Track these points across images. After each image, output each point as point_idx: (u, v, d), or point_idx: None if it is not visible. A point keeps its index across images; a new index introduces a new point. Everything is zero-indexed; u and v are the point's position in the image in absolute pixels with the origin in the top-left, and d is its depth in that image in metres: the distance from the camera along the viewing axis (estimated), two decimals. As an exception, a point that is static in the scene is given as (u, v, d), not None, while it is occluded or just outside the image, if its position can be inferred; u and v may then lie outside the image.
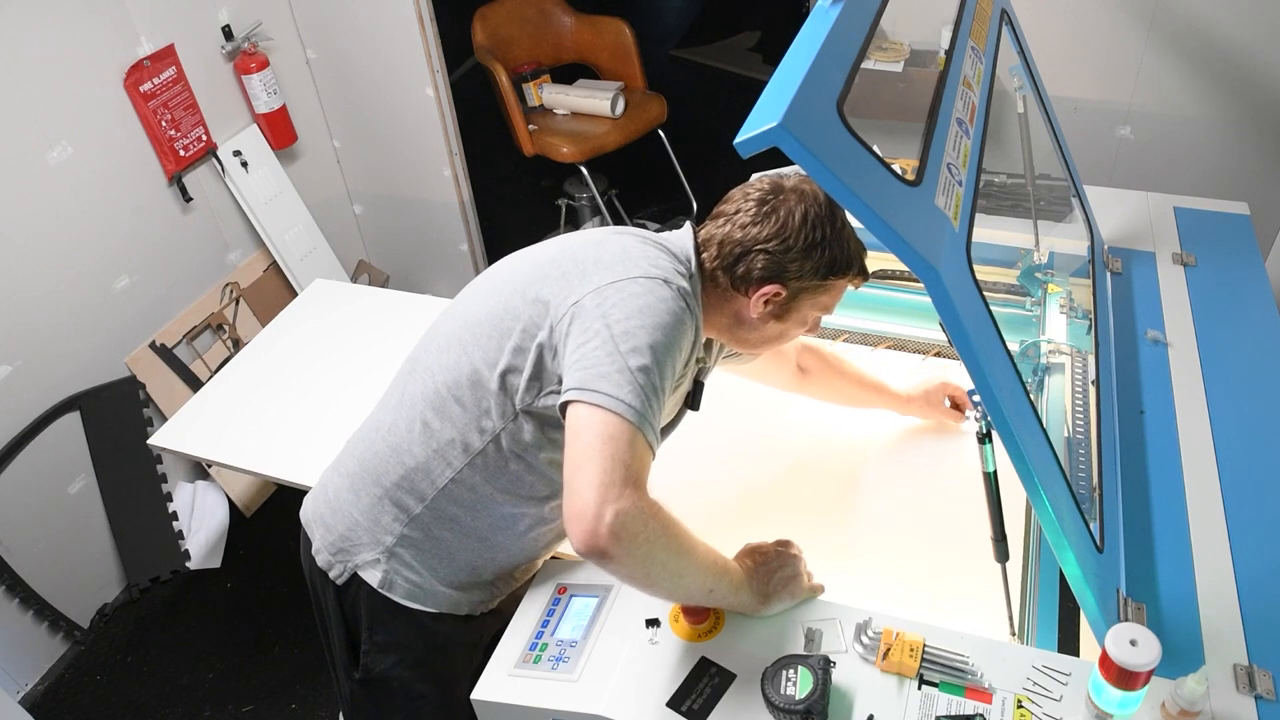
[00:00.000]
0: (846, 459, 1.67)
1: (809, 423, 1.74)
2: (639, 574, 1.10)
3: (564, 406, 1.08)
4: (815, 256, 1.20)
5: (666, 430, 1.34)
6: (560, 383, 1.12)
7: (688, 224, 1.28)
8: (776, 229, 1.20)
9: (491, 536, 1.28)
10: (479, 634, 1.39)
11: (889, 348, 1.95)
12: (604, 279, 1.13)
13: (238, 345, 2.85)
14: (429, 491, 1.25)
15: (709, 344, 1.38)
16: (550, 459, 1.23)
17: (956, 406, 1.67)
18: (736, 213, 1.23)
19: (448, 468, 1.23)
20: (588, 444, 1.04)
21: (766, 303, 1.23)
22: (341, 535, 1.31)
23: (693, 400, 1.34)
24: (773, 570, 1.25)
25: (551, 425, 1.19)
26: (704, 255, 1.25)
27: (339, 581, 1.32)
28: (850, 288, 1.28)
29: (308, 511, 1.38)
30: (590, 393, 1.05)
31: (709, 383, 1.39)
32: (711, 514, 1.57)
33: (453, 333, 1.24)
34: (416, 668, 1.37)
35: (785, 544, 1.29)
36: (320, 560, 1.33)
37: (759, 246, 1.20)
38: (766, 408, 1.77)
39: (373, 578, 1.29)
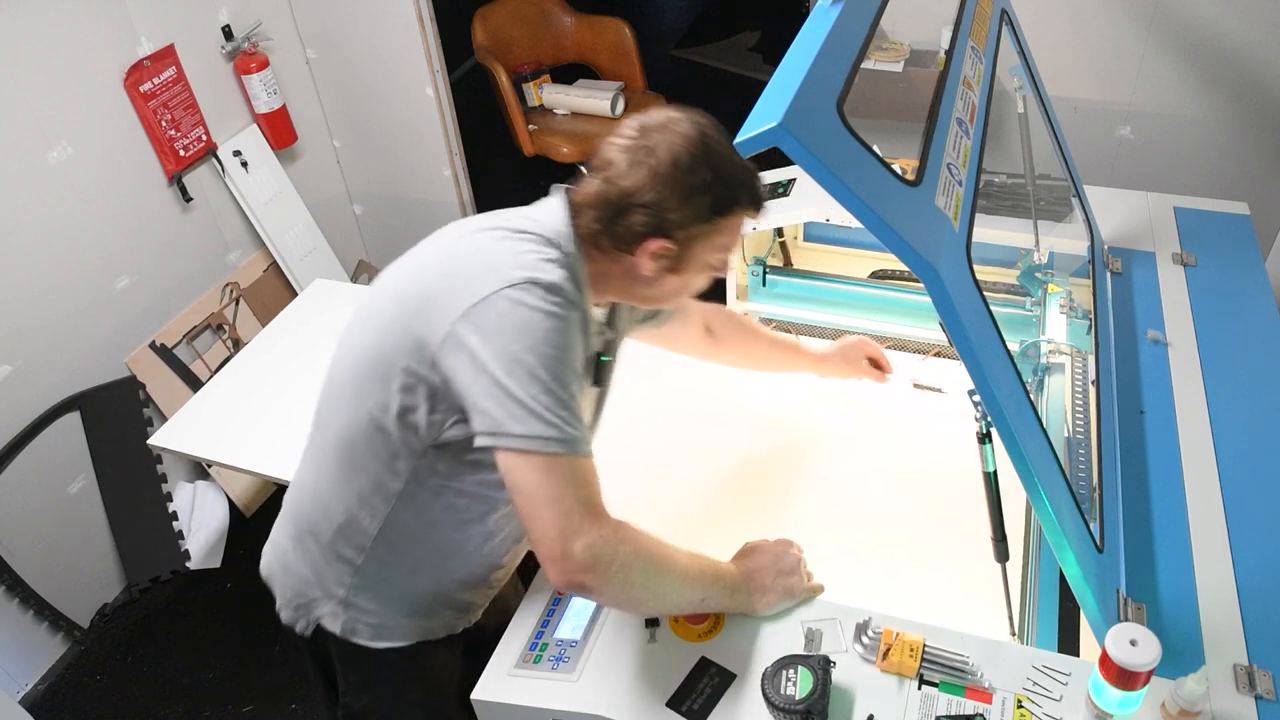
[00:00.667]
0: (846, 458, 1.67)
1: (809, 422, 1.74)
2: (622, 598, 1.11)
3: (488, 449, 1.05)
4: (696, 200, 1.10)
5: (594, 420, 1.31)
6: (462, 413, 1.08)
7: (559, 190, 1.19)
8: (647, 178, 1.09)
9: (444, 563, 1.26)
10: (454, 647, 1.37)
11: (889, 348, 1.94)
12: (469, 300, 1.04)
13: (238, 345, 2.85)
14: (365, 541, 1.21)
15: (614, 311, 1.30)
16: (478, 480, 1.18)
17: (877, 366, 1.66)
18: (607, 166, 1.12)
19: (375, 515, 1.20)
20: (529, 493, 1.02)
21: (656, 257, 1.13)
22: (297, 592, 1.29)
23: (597, 376, 1.26)
24: (772, 570, 1.24)
25: (466, 449, 1.12)
26: (580, 220, 1.14)
27: (305, 634, 1.30)
28: (748, 221, 1.18)
29: (264, 568, 1.36)
30: (505, 437, 1.01)
31: (697, 381, 1.37)
32: (711, 514, 1.57)
33: (343, 382, 1.19)
34: (397, 699, 1.36)
35: (786, 543, 1.29)
36: (284, 616, 1.32)
37: (632, 201, 1.10)
38: (769, 408, 1.77)
39: (335, 627, 1.27)
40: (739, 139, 0.83)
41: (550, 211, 1.16)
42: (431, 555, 1.24)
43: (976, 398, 1.34)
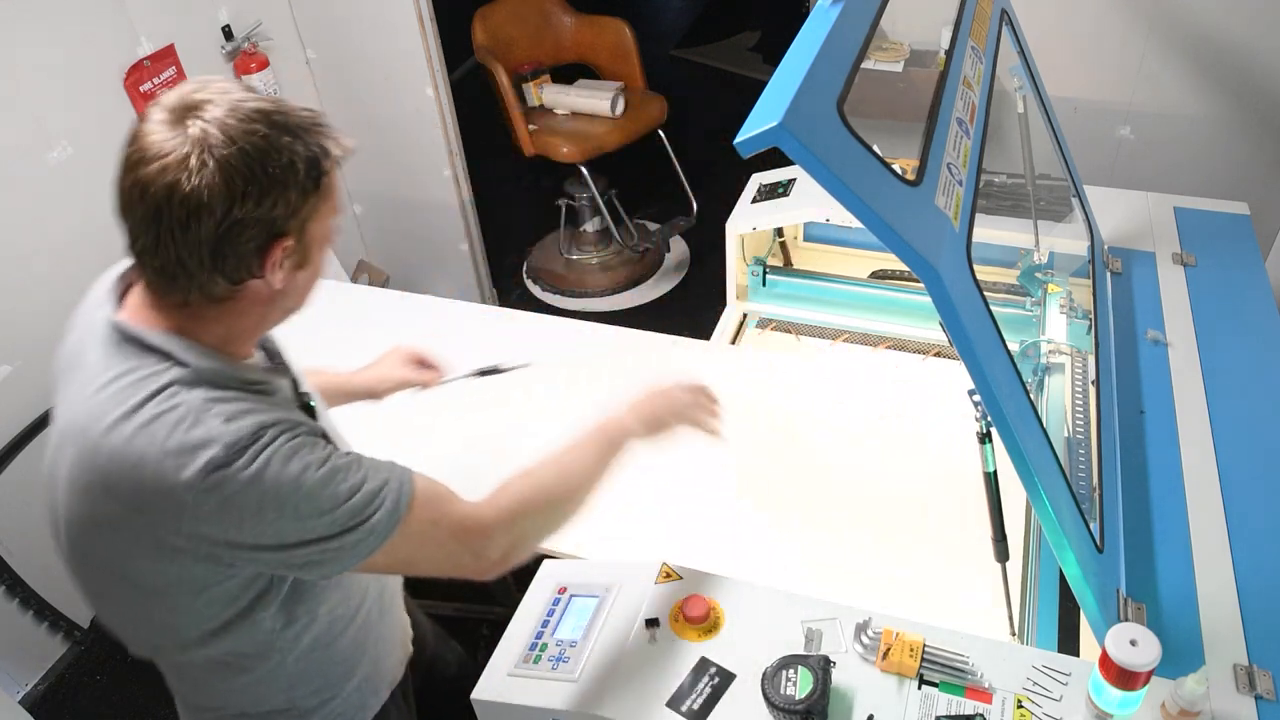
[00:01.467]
0: (846, 458, 1.67)
1: (808, 422, 1.74)
2: (538, 546, 1.13)
3: None
4: (293, 179, 0.89)
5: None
6: (277, 578, 0.99)
7: (107, 294, 0.99)
8: (228, 185, 0.85)
9: (363, 645, 1.19)
10: (407, 683, 1.34)
11: (889, 348, 1.95)
12: (171, 523, 0.88)
13: (238, 345, 2.85)
14: (287, 698, 1.13)
15: (269, 345, 1.12)
16: (339, 583, 1.09)
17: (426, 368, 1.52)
18: (163, 201, 0.85)
19: (277, 683, 1.10)
20: (410, 564, 1.01)
21: (283, 263, 0.92)
22: None
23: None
24: (665, 396, 1.25)
25: (305, 584, 1.03)
26: (166, 301, 0.93)
27: None
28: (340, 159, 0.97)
29: None
30: (342, 566, 0.95)
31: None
32: (709, 513, 1.57)
33: (125, 612, 1.04)
34: None
35: (697, 390, 1.30)
36: None
37: (231, 220, 0.87)
38: (768, 407, 1.77)
39: None
40: (739, 139, 0.83)
41: (126, 330, 0.93)
42: (348, 655, 1.17)
43: (976, 398, 1.34)
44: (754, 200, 2.07)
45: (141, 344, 0.92)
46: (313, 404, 1.10)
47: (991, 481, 1.28)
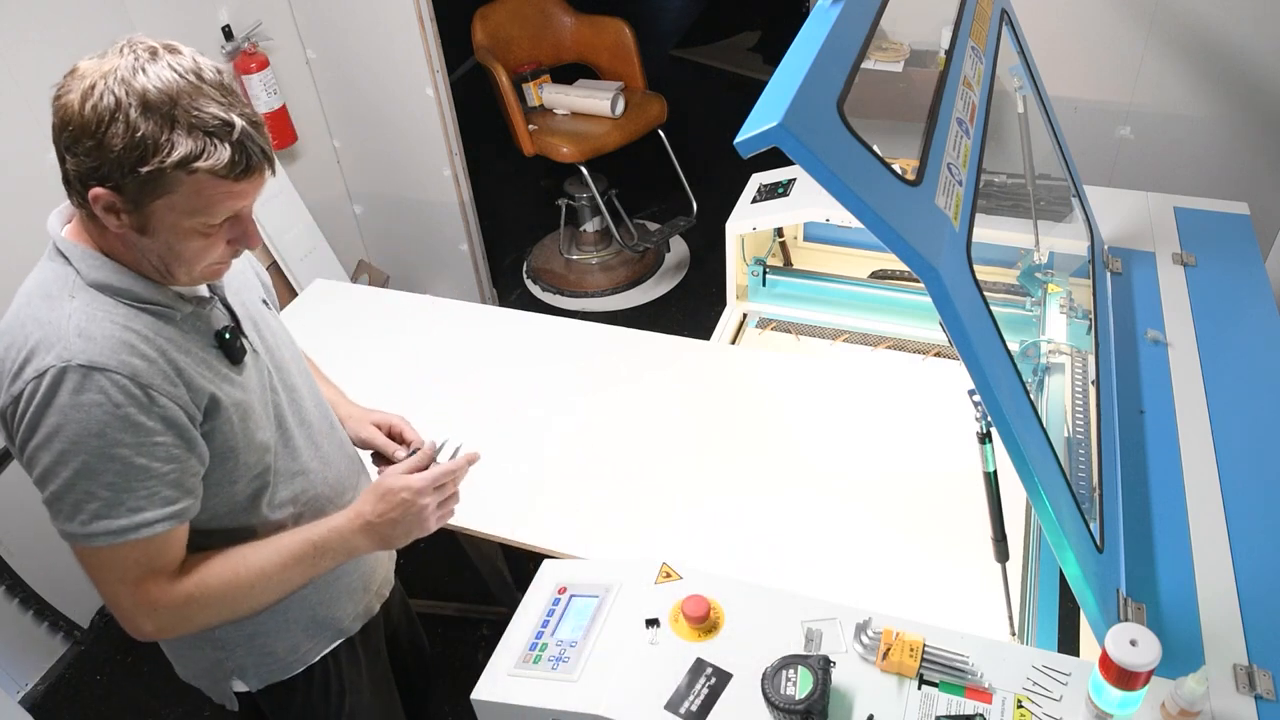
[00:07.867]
0: (846, 458, 1.67)
1: (809, 422, 1.74)
2: (213, 623, 1.15)
3: None
4: (112, 144, 0.93)
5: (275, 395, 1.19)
6: None
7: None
8: (61, 116, 0.96)
9: (290, 595, 1.20)
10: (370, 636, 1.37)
11: (889, 348, 1.95)
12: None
13: (238, 345, 2.85)
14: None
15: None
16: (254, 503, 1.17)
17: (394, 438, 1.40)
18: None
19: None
20: (95, 583, 1.06)
21: (107, 211, 0.98)
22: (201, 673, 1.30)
23: (231, 354, 1.12)
24: (401, 524, 1.18)
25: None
26: (78, 211, 1.05)
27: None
28: (237, 187, 1.02)
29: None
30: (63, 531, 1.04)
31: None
32: (709, 512, 1.57)
33: None
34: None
35: (420, 491, 1.18)
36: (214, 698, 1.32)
37: (59, 143, 0.98)
38: (769, 407, 1.77)
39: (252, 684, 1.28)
40: (739, 139, 0.83)
41: (54, 240, 1.10)
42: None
43: (976, 398, 1.34)
44: (754, 200, 2.07)
45: (57, 250, 1.06)
46: (233, 339, 1.12)
47: (991, 481, 1.28)
